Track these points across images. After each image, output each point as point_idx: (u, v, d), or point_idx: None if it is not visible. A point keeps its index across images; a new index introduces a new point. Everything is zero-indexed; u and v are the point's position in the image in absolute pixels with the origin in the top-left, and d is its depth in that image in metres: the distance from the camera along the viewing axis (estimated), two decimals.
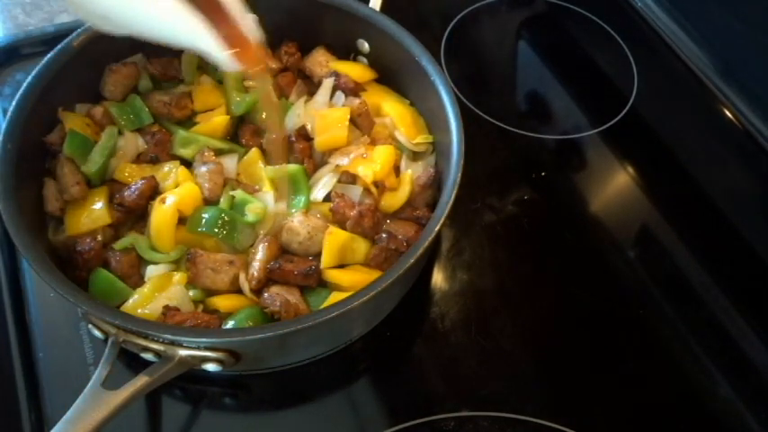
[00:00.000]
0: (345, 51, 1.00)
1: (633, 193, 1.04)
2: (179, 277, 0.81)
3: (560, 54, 1.21)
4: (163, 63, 0.95)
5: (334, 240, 0.82)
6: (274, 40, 1.00)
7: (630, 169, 1.06)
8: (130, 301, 0.79)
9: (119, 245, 0.83)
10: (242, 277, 0.81)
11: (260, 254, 0.81)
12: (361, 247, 0.84)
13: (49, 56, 0.86)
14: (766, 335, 0.90)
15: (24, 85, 0.83)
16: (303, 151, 0.90)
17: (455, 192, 0.78)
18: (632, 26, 1.24)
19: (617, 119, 1.11)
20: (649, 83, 1.15)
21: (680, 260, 0.96)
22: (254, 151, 0.91)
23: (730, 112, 1.13)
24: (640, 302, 0.93)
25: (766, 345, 0.90)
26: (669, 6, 1.22)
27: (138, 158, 0.91)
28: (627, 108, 1.12)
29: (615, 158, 1.07)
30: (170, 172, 0.88)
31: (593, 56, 1.21)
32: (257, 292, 0.81)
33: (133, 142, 0.91)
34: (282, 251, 0.84)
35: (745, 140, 1.10)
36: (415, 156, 0.93)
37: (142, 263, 0.83)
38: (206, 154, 0.88)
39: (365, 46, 0.98)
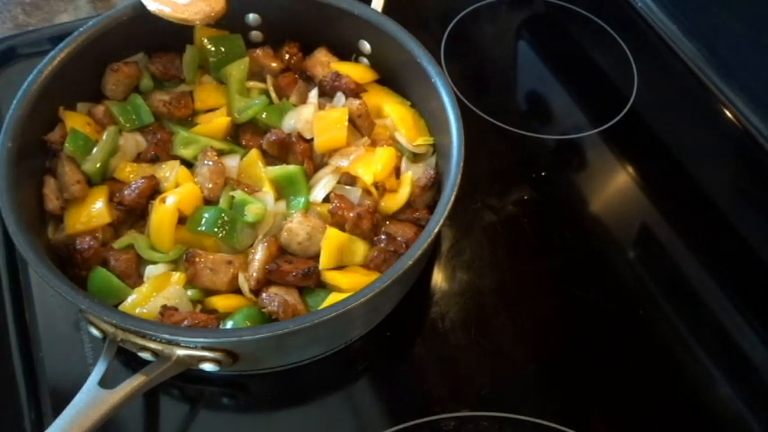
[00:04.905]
0: (347, 52, 1.00)
1: (633, 193, 1.04)
2: (178, 277, 0.81)
3: (560, 54, 1.21)
4: (164, 62, 0.95)
5: (332, 241, 0.82)
6: (276, 40, 1.01)
7: (630, 169, 1.06)
8: (129, 300, 0.79)
9: (118, 244, 0.84)
10: (241, 277, 0.81)
11: (259, 254, 0.81)
12: (360, 248, 0.84)
13: (49, 55, 0.86)
14: (766, 335, 0.90)
15: (25, 83, 0.83)
16: (303, 152, 0.90)
17: (454, 194, 0.78)
18: (632, 26, 1.24)
19: (617, 119, 1.10)
20: (649, 83, 1.15)
21: (680, 260, 0.96)
22: (254, 152, 0.91)
23: (730, 112, 1.12)
24: (640, 302, 0.92)
25: (766, 345, 0.90)
26: (669, 6, 1.22)
27: (139, 158, 0.91)
28: (627, 108, 1.12)
29: (615, 158, 1.07)
30: (170, 171, 0.88)
31: (593, 56, 1.20)
32: (256, 292, 0.81)
33: (134, 141, 0.91)
34: (282, 252, 0.84)
35: (745, 140, 1.10)
36: (416, 157, 0.93)
37: (141, 262, 0.83)
38: (209, 153, 0.88)
39: (366, 47, 0.98)
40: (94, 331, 0.74)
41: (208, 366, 0.74)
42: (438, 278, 0.94)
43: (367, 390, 0.85)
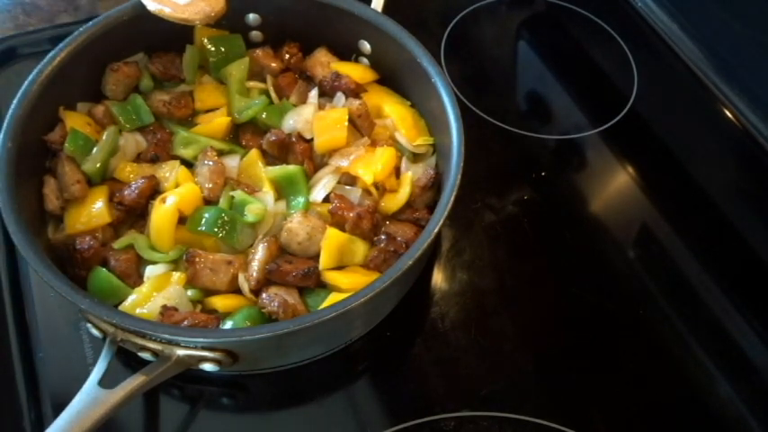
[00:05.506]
0: (347, 52, 1.00)
1: (633, 193, 1.04)
2: (178, 277, 0.81)
3: (560, 54, 1.21)
4: (164, 62, 0.95)
5: (332, 241, 0.82)
6: (276, 40, 1.01)
7: (630, 169, 1.06)
8: (129, 300, 0.79)
9: (118, 244, 0.84)
10: (241, 277, 0.81)
11: (259, 254, 0.81)
12: (360, 248, 0.84)
13: (50, 54, 0.86)
14: (766, 335, 0.90)
15: (25, 83, 0.83)
16: (303, 152, 0.90)
17: (454, 194, 0.78)
18: (632, 26, 1.24)
19: (617, 119, 1.10)
20: (649, 83, 1.15)
21: (680, 260, 0.96)
22: (254, 152, 0.91)
23: (730, 112, 1.12)
24: (640, 302, 0.92)
25: (766, 345, 0.90)
26: (669, 6, 1.22)
27: (139, 158, 0.91)
28: (627, 108, 1.12)
29: (615, 158, 1.07)
30: (170, 171, 0.88)
31: (593, 56, 1.20)
32: (256, 292, 0.81)
33: (134, 141, 0.91)
34: (282, 252, 0.84)
35: (745, 140, 1.10)
36: (416, 157, 0.93)
37: (141, 262, 0.83)
38: (209, 153, 0.89)
39: (366, 47, 0.98)
40: (94, 331, 0.74)
41: (208, 366, 0.74)
42: (438, 278, 0.94)
43: (367, 390, 0.85)
